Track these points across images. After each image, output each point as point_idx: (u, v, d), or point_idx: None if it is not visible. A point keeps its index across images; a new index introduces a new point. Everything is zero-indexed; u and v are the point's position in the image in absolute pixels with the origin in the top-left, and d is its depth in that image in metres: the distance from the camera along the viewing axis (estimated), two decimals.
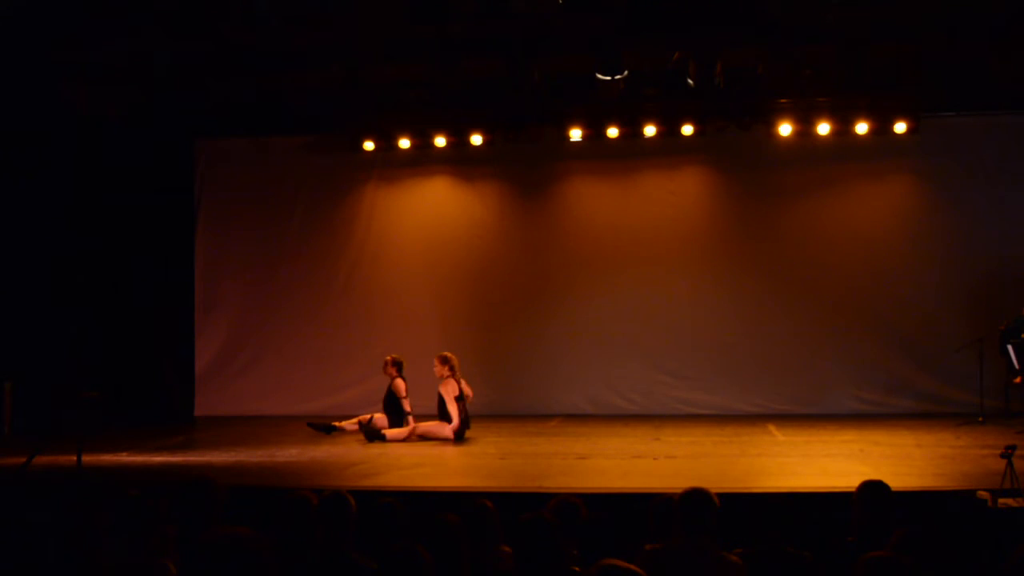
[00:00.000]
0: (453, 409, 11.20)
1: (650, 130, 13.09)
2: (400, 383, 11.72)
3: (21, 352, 13.12)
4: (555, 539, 4.02)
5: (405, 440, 11.36)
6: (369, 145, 13.81)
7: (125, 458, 10.09)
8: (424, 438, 11.35)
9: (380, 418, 11.79)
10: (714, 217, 14.07)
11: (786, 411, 13.34)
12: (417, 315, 14.31)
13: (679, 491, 4.57)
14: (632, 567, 3.03)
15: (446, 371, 11.30)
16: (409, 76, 12.37)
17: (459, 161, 14.31)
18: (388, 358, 11.90)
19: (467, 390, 11.39)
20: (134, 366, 14.04)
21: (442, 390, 11.29)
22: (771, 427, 12.08)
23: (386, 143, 13.78)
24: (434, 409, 11.57)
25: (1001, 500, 6.95)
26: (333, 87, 12.26)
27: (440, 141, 13.70)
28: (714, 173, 14.12)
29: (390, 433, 11.42)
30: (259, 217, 14.75)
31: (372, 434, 11.36)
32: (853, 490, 5.01)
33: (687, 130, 13.02)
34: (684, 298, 13.84)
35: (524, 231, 14.39)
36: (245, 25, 10.63)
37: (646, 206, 14.14)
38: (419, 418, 11.71)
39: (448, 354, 11.42)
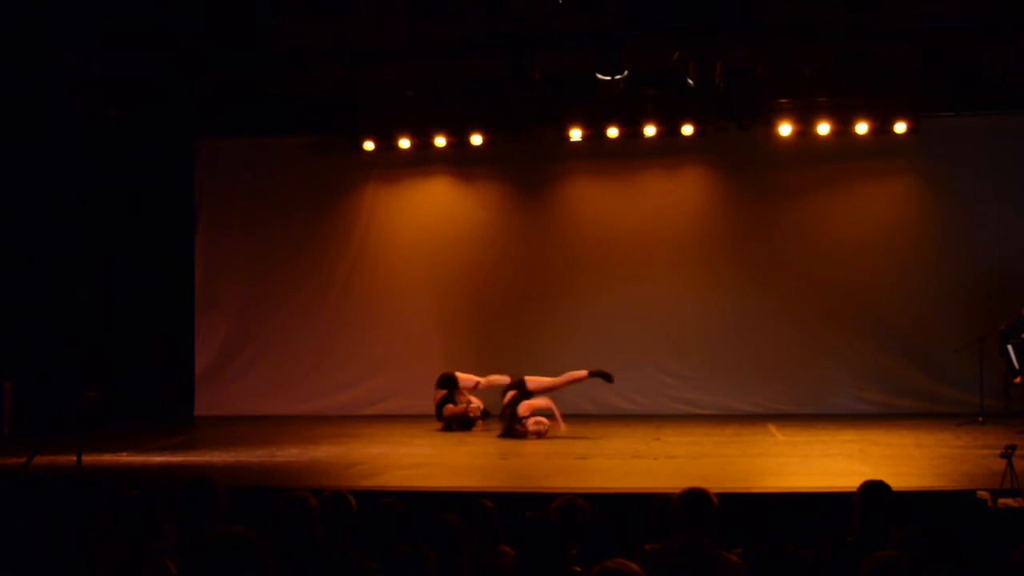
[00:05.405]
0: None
1: (650, 130, 13.10)
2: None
3: (21, 352, 13.11)
4: (556, 539, 4.02)
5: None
6: (369, 145, 13.80)
7: (125, 458, 10.09)
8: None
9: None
10: (714, 217, 14.06)
11: (786, 411, 13.34)
12: (417, 315, 14.30)
13: (679, 491, 4.57)
14: (634, 567, 3.03)
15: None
16: (409, 76, 12.36)
17: (459, 161, 14.30)
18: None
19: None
20: (134, 366, 14.03)
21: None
22: (771, 427, 12.08)
23: (386, 143, 13.77)
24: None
25: (1001, 500, 6.95)
26: (333, 87, 12.26)
27: (440, 141, 13.68)
28: (714, 173, 14.12)
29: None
30: (259, 217, 14.74)
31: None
32: (853, 490, 5.01)
33: (687, 130, 13.03)
34: (684, 298, 13.84)
35: (524, 231, 14.39)
36: (245, 25, 10.62)
37: (646, 206, 14.13)
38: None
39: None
